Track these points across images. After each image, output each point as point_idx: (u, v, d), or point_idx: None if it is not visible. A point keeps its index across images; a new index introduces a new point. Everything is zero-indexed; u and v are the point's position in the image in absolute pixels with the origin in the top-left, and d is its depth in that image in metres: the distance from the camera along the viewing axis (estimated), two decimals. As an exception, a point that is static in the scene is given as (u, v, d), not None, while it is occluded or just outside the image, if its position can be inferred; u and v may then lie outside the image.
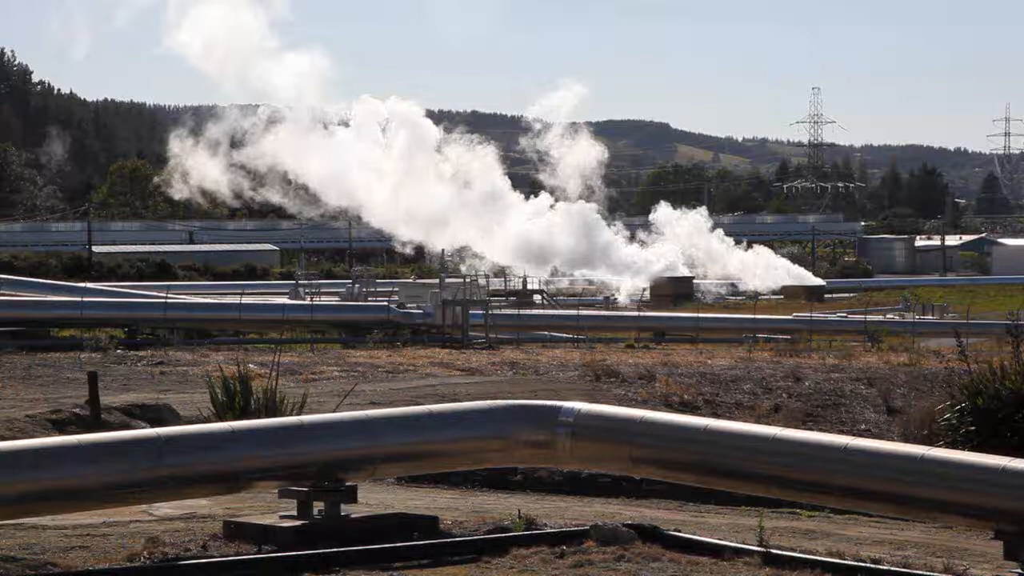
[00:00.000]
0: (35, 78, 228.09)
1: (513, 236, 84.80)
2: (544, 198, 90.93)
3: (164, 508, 15.37)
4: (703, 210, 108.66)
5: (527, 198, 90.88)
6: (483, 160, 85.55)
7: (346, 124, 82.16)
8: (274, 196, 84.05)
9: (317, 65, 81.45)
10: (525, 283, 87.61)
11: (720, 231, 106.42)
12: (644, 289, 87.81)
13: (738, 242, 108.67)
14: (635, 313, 66.47)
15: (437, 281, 68.21)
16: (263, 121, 79.44)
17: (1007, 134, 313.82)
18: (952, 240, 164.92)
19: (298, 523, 13.85)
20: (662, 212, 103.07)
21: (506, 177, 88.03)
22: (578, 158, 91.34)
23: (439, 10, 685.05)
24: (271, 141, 78.42)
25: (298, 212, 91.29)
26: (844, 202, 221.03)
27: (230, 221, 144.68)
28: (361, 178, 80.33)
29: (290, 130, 79.26)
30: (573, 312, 65.33)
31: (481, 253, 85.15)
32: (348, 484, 14.04)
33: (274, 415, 17.79)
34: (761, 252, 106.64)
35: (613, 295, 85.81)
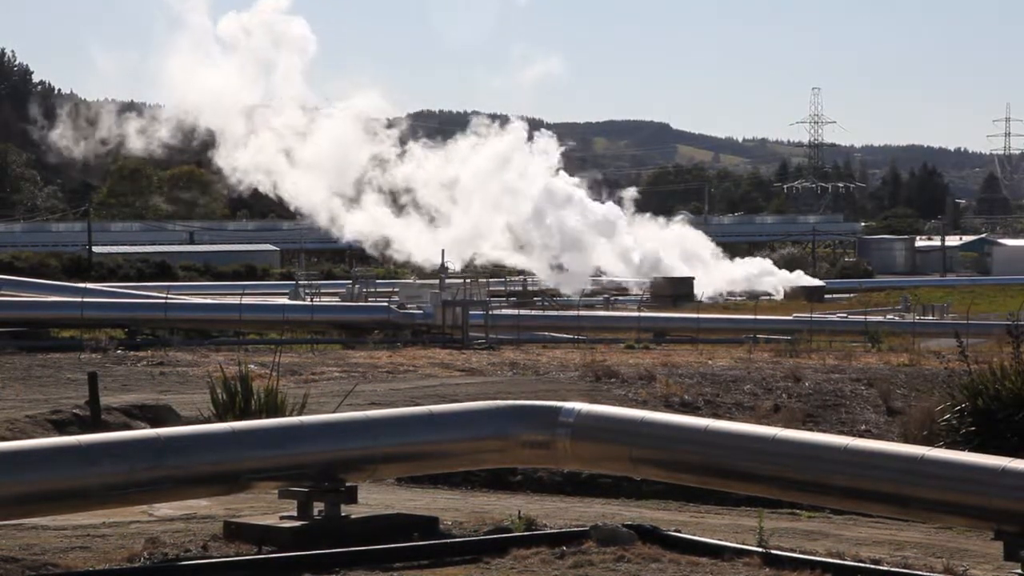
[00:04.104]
0: (35, 78, 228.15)
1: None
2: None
3: (164, 508, 15.36)
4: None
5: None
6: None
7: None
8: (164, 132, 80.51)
9: None
10: (525, 283, 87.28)
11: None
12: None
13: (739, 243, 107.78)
14: (635, 314, 66.47)
15: (437, 282, 68.20)
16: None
17: (1007, 134, 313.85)
18: (952, 240, 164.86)
19: (298, 524, 13.84)
20: None
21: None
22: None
23: (438, 11, 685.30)
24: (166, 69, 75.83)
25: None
26: (844, 202, 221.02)
27: (230, 221, 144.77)
28: (220, 109, 76.26)
29: (181, 59, 76.71)
30: (573, 313, 65.37)
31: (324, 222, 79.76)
32: (348, 485, 14.03)
33: (275, 416, 17.79)
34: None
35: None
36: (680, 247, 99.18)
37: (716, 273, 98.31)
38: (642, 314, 66.27)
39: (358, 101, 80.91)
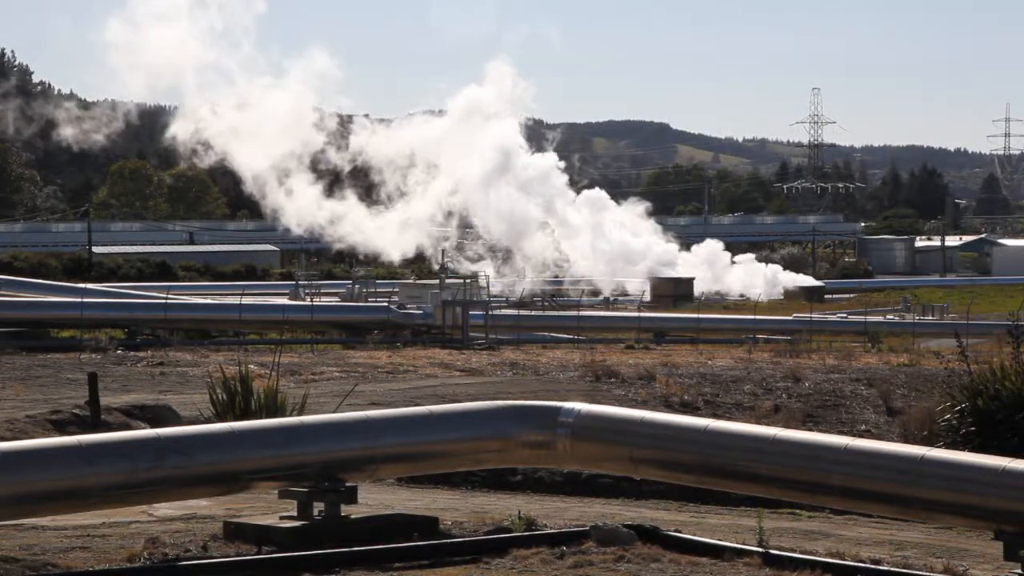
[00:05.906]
0: (35, 79, 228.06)
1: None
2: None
3: (164, 508, 15.36)
4: None
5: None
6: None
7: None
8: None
9: None
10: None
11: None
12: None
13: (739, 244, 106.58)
14: (635, 314, 66.51)
15: (437, 282, 68.14)
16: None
17: (1007, 134, 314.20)
18: (952, 241, 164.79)
19: (298, 524, 13.84)
20: None
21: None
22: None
23: (436, 9, 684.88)
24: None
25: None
26: (844, 203, 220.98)
27: (230, 221, 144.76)
28: (169, 83, 76.08)
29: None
30: (573, 313, 65.40)
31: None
32: (348, 485, 14.02)
33: (274, 416, 17.78)
34: None
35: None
36: (631, 230, 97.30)
37: (679, 265, 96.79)
38: (642, 314, 66.33)
39: (311, 65, 79.51)
